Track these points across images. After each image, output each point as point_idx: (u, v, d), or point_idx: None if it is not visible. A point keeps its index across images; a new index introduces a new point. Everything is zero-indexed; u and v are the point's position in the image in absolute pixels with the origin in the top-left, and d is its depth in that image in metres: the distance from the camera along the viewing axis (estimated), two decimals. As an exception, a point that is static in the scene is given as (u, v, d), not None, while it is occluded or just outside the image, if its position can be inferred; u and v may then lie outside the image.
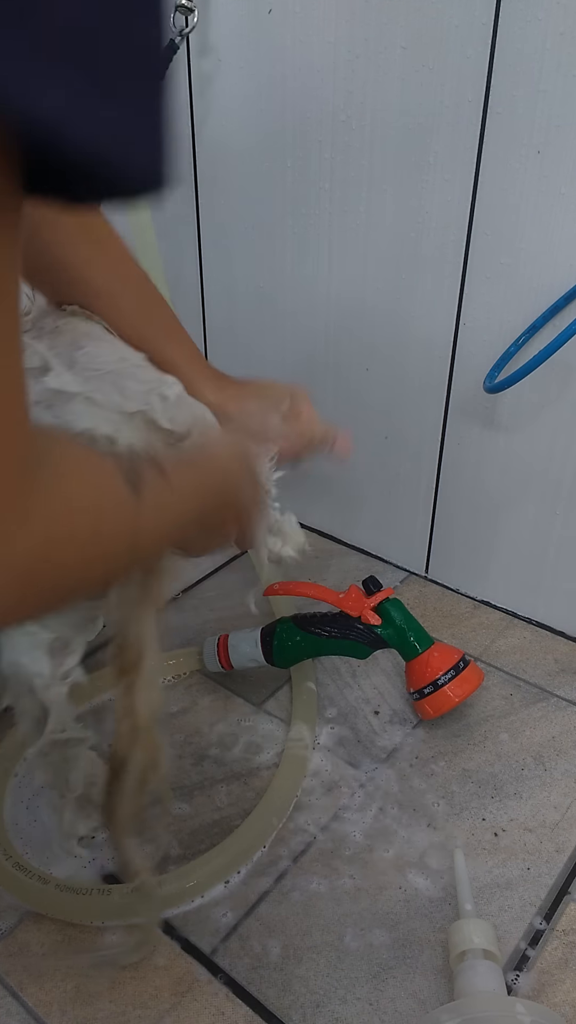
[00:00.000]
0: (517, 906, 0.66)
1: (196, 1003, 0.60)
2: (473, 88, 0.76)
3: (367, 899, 0.67)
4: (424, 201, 0.83)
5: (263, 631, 0.85)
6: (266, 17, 0.86)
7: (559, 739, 0.81)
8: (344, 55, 0.82)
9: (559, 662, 0.91)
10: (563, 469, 0.87)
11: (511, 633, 0.95)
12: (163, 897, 0.65)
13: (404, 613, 0.82)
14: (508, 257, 0.81)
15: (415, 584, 1.04)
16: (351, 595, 0.82)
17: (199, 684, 0.88)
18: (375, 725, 0.83)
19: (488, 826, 0.73)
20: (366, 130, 0.84)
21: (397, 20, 0.78)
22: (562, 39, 0.70)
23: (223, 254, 1.03)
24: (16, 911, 0.66)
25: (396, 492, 1.02)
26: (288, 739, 0.79)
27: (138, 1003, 0.60)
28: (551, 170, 0.75)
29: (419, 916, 0.66)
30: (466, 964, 0.59)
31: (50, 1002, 0.60)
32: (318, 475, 1.08)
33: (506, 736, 0.81)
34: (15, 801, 0.75)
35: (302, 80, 0.86)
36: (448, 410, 0.93)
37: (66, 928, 0.65)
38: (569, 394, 0.83)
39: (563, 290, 0.79)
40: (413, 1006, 0.60)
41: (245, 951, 0.63)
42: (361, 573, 1.02)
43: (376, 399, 0.98)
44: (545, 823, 0.73)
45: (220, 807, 0.74)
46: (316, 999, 0.61)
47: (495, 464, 0.92)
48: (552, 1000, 0.60)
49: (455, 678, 0.79)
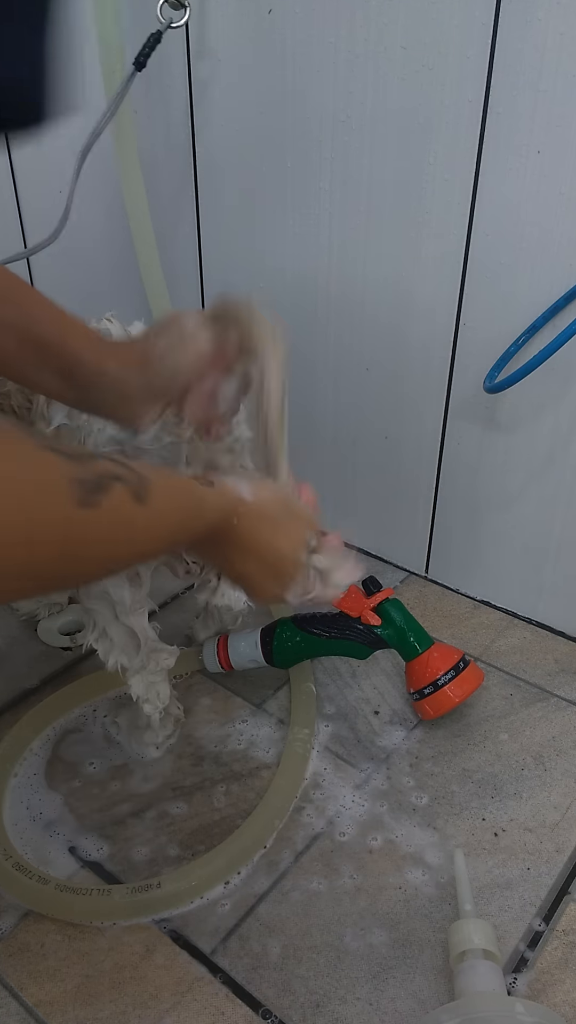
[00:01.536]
0: (517, 906, 0.66)
1: (196, 1003, 0.60)
2: (473, 88, 0.76)
3: (367, 899, 0.67)
4: (424, 201, 0.83)
5: (263, 631, 0.85)
6: (266, 17, 0.86)
7: (559, 739, 0.81)
8: (344, 55, 0.82)
9: (559, 662, 0.91)
10: (563, 469, 0.87)
11: (511, 633, 0.95)
12: (163, 897, 0.65)
13: (404, 613, 0.82)
14: (508, 257, 0.81)
15: (415, 584, 1.04)
16: (351, 595, 0.82)
17: (199, 684, 0.88)
18: (375, 725, 0.83)
19: (488, 826, 0.73)
20: (366, 130, 0.84)
21: (397, 20, 0.78)
22: (562, 39, 0.70)
23: (223, 253, 1.03)
24: (16, 911, 0.66)
25: (396, 492, 1.02)
26: (288, 739, 0.79)
27: (138, 1003, 0.60)
28: (551, 170, 0.75)
29: (419, 916, 0.66)
30: (466, 964, 0.59)
31: (50, 1002, 0.60)
32: (318, 475, 1.08)
33: (506, 736, 0.81)
34: (15, 801, 0.75)
35: (302, 80, 0.86)
36: (448, 410, 0.93)
37: (66, 928, 0.65)
38: (569, 394, 0.83)
39: (563, 290, 0.79)
40: (413, 1006, 0.60)
41: (245, 951, 0.63)
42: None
43: (376, 399, 0.98)
44: (545, 823, 0.73)
45: (220, 807, 0.74)
46: (316, 999, 0.61)
47: (495, 464, 0.92)
48: (552, 1000, 0.60)
49: (455, 678, 0.79)
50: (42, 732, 0.81)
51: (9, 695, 0.86)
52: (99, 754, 0.79)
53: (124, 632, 0.72)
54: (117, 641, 0.72)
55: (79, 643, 0.92)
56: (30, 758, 0.79)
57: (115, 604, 0.70)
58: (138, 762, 0.79)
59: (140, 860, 0.70)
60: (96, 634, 0.72)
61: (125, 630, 0.72)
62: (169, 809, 0.74)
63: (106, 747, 0.80)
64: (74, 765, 0.78)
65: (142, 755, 0.79)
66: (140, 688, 0.74)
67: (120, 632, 0.72)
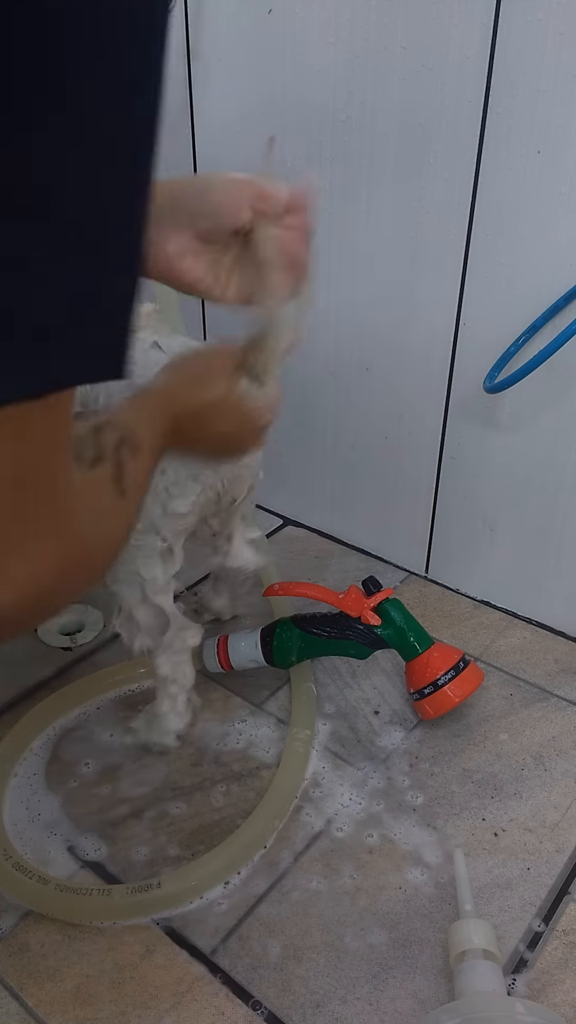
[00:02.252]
0: (517, 906, 0.66)
1: (196, 1003, 0.60)
2: (473, 88, 0.76)
3: (367, 899, 0.67)
4: (424, 201, 0.83)
5: (263, 632, 0.85)
6: (266, 17, 0.86)
7: (559, 739, 0.81)
8: (344, 55, 0.82)
9: (559, 662, 0.91)
10: (563, 469, 0.87)
11: (511, 633, 0.95)
12: (163, 897, 0.65)
13: (404, 613, 0.82)
14: (508, 257, 0.81)
15: (415, 584, 1.04)
16: (351, 595, 0.82)
17: (199, 684, 0.88)
18: (375, 725, 0.83)
19: (488, 826, 0.73)
20: (366, 130, 0.84)
21: (397, 20, 0.78)
22: (562, 39, 0.70)
23: (223, 254, 1.03)
24: (16, 911, 0.66)
25: (396, 492, 1.02)
26: (288, 739, 0.79)
27: (138, 1003, 0.60)
28: (551, 170, 0.75)
29: (419, 916, 0.66)
30: (466, 964, 0.59)
31: (50, 1002, 0.60)
32: (318, 476, 1.08)
33: (506, 736, 0.81)
34: (15, 801, 0.75)
35: (302, 80, 0.86)
36: (448, 410, 0.93)
37: (66, 928, 0.65)
38: (569, 394, 0.83)
39: (563, 290, 0.79)
40: (413, 1006, 0.60)
41: (245, 951, 0.63)
42: (361, 573, 1.02)
43: (376, 399, 0.98)
44: (545, 823, 0.73)
45: (220, 807, 0.74)
46: (316, 999, 0.61)
47: (495, 464, 0.92)
48: (552, 1000, 0.60)
49: (455, 678, 0.79)
50: (42, 732, 0.81)
51: (9, 695, 0.86)
52: (99, 754, 0.79)
53: (151, 613, 0.71)
54: (143, 623, 0.72)
55: (79, 643, 0.92)
56: (30, 758, 0.79)
57: (145, 584, 0.69)
58: (138, 762, 0.78)
59: (140, 860, 0.70)
60: (121, 618, 0.72)
61: (152, 610, 0.71)
62: (169, 809, 0.74)
63: (106, 747, 0.80)
64: (74, 765, 0.78)
65: (163, 746, 0.78)
66: (167, 668, 0.74)
67: (147, 613, 0.71)
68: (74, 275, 0.31)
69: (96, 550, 0.41)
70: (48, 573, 0.37)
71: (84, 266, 0.31)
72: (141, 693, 0.85)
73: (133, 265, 0.33)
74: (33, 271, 0.29)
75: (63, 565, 0.38)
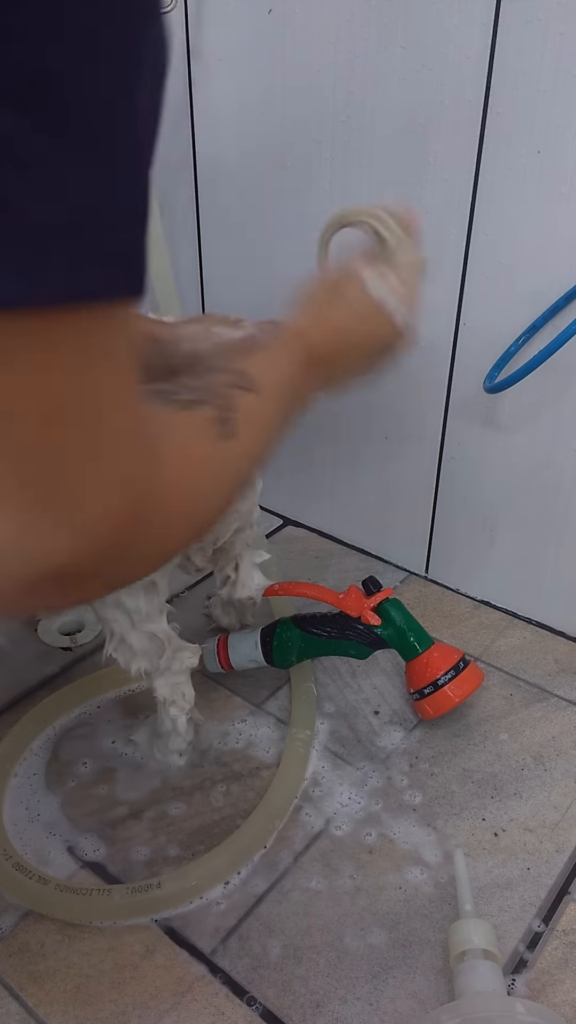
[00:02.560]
0: (517, 906, 0.66)
1: (196, 1003, 0.60)
2: (473, 88, 0.76)
3: (366, 899, 0.67)
4: (424, 201, 0.83)
5: (263, 631, 0.85)
6: (266, 17, 0.86)
7: (559, 739, 0.81)
8: (344, 55, 0.82)
9: (559, 662, 0.91)
10: (563, 469, 0.87)
11: (511, 633, 0.95)
12: (163, 897, 0.65)
13: (404, 613, 0.82)
14: (508, 257, 0.81)
15: (415, 584, 1.04)
16: (351, 595, 0.82)
17: (199, 684, 0.88)
18: (375, 725, 0.83)
19: (488, 826, 0.73)
20: (366, 130, 0.84)
21: (397, 20, 0.78)
22: (562, 39, 0.70)
23: (223, 254, 1.03)
24: (16, 911, 0.66)
25: (396, 492, 1.02)
26: (287, 739, 0.79)
27: (138, 1003, 0.60)
28: (551, 170, 0.75)
29: (419, 916, 0.66)
30: (466, 964, 0.59)
31: (50, 1002, 0.60)
32: (318, 476, 1.08)
33: (506, 736, 0.81)
34: (15, 801, 0.75)
35: (302, 80, 0.86)
36: (448, 410, 0.93)
37: (66, 928, 0.65)
38: (569, 394, 0.83)
39: (563, 290, 0.79)
40: (413, 1006, 0.60)
41: (245, 951, 0.63)
42: (361, 573, 1.02)
43: (376, 399, 0.98)
44: (545, 823, 0.73)
45: (220, 807, 0.74)
46: (316, 999, 0.61)
47: (495, 464, 0.92)
48: (552, 1000, 0.60)
49: (455, 678, 0.79)
50: (42, 732, 0.81)
51: (9, 695, 0.86)
52: (99, 754, 0.79)
53: (144, 638, 0.70)
54: (138, 648, 0.70)
55: (79, 643, 0.92)
56: (30, 758, 0.79)
57: (131, 612, 0.68)
58: (137, 763, 0.78)
59: (140, 860, 0.70)
60: (115, 643, 0.70)
61: (145, 636, 0.70)
62: (168, 809, 0.74)
63: (106, 748, 0.80)
64: (74, 765, 0.78)
65: (168, 764, 0.77)
66: (165, 691, 0.73)
67: (140, 639, 0.70)
68: (74, 170, 0.27)
69: (190, 499, 0.37)
70: (115, 518, 0.33)
71: (86, 161, 0.27)
72: (141, 693, 0.85)
73: (143, 165, 0.30)
74: (26, 161, 0.26)
75: (137, 511, 0.34)
